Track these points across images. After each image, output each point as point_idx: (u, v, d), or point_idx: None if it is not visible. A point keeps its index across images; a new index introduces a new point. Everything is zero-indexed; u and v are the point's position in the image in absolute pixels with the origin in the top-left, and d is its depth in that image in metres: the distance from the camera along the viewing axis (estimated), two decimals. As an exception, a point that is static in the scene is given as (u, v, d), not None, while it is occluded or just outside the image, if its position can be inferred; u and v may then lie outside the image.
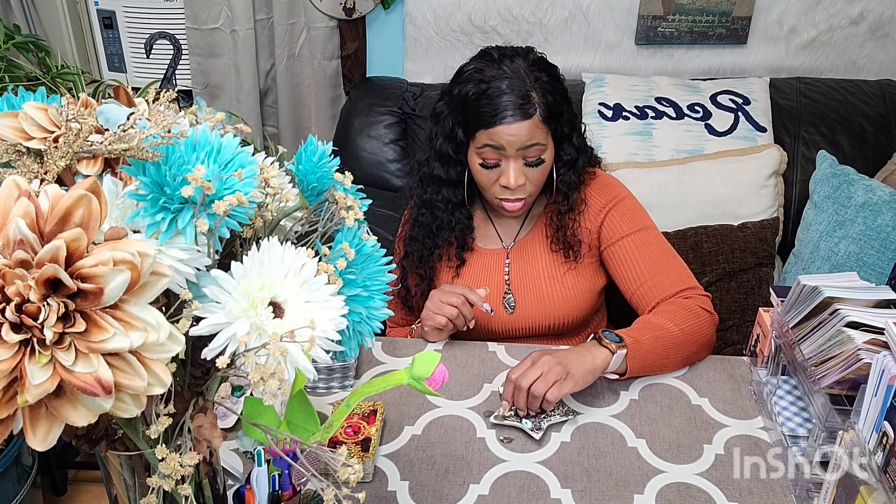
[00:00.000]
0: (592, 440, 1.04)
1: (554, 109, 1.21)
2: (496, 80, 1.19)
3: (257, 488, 0.82)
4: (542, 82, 1.20)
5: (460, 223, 1.32)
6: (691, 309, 1.21)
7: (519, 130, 1.18)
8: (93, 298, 0.42)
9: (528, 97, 1.18)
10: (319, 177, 0.61)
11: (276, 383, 0.49)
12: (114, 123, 0.53)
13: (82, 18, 2.12)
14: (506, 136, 1.18)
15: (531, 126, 1.18)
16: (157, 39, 1.87)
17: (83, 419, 0.44)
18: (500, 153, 1.20)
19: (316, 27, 2.02)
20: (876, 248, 1.49)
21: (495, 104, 1.17)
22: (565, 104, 1.24)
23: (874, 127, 1.79)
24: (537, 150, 1.20)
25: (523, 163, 1.21)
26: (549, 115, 1.20)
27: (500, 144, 1.19)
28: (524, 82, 1.18)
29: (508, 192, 1.24)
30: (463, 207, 1.32)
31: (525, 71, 1.20)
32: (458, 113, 1.23)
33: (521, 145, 1.19)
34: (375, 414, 1.04)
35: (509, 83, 1.18)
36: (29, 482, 1.50)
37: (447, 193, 1.30)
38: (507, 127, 1.17)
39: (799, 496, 0.93)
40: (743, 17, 1.92)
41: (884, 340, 0.85)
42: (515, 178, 1.21)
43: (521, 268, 1.34)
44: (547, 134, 1.21)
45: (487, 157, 1.22)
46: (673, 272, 1.27)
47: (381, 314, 0.62)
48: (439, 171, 1.28)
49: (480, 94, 1.19)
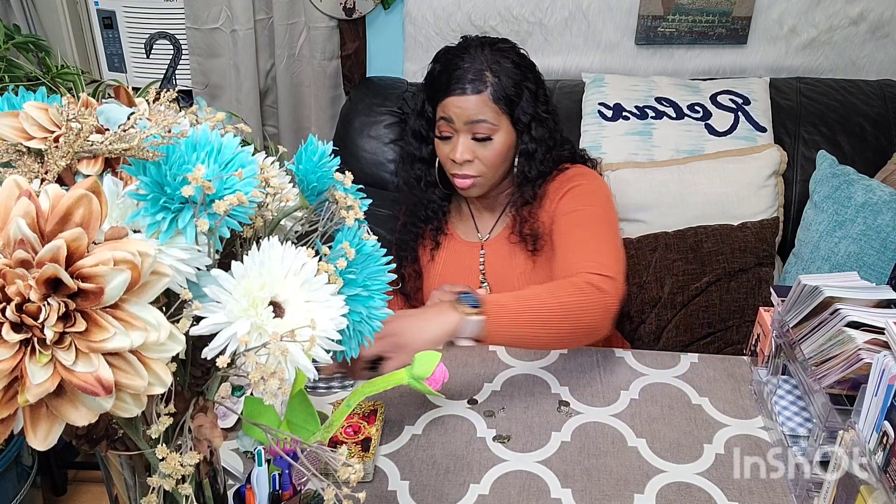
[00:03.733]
0: (592, 440, 1.04)
1: (509, 92, 1.25)
2: (457, 59, 1.26)
3: (258, 488, 0.82)
4: (502, 66, 1.25)
5: (433, 202, 1.38)
6: (576, 284, 1.12)
7: (466, 104, 1.23)
8: (93, 298, 0.42)
9: (481, 74, 1.24)
10: (320, 176, 0.61)
11: (276, 383, 0.49)
12: (114, 123, 0.53)
13: (82, 18, 2.12)
14: (454, 108, 1.25)
15: (479, 101, 1.23)
16: (157, 39, 1.87)
17: (84, 419, 0.44)
18: (451, 126, 1.27)
19: (316, 27, 2.02)
20: (876, 248, 1.49)
21: (450, 77, 1.25)
22: (528, 94, 1.27)
23: (874, 127, 1.79)
24: (486, 127, 1.25)
25: (471, 137, 1.26)
26: (502, 96, 1.24)
27: (449, 116, 1.26)
28: (482, 63, 1.25)
29: (457, 167, 1.28)
30: (436, 187, 1.37)
31: (488, 53, 1.26)
32: (427, 89, 1.31)
33: (469, 119, 1.24)
34: (376, 414, 1.04)
35: (468, 61, 1.25)
36: (29, 482, 1.50)
37: (419, 171, 1.37)
38: (456, 98, 1.24)
39: (799, 496, 0.93)
40: (743, 17, 1.92)
41: (884, 340, 0.85)
42: (462, 152, 1.26)
43: (494, 261, 1.37)
44: (499, 115, 1.25)
45: (442, 129, 1.28)
46: (588, 254, 1.18)
47: (381, 314, 0.62)
48: (413, 147, 1.36)
49: (441, 70, 1.27)
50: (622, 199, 1.72)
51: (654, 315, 1.61)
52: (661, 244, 1.63)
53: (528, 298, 1.08)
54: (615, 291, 1.13)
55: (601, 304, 1.11)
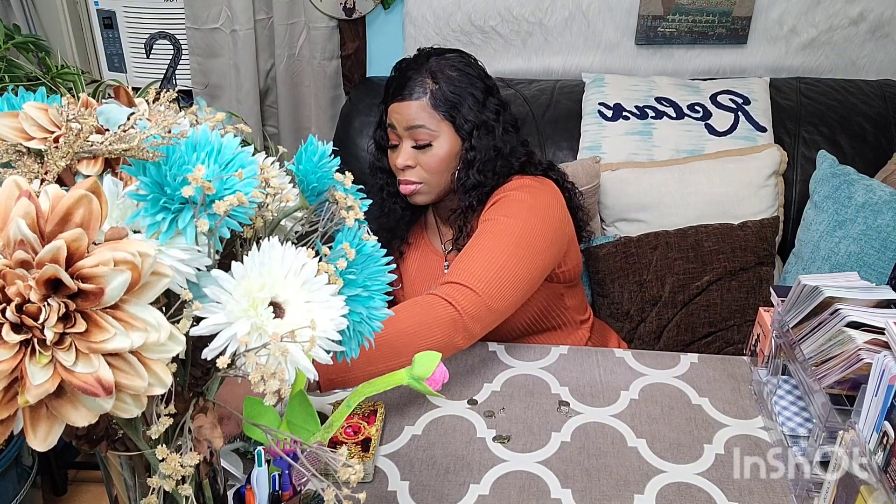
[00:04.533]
0: (592, 440, 1.04)
1: (449, 98, 1.25)
2: (406, 69, 1.28)
3: (257, 488, 0.82)
4: (445, 75, 1.26)
5: (394, 212, 1.38)
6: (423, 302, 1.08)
7: (406, 109, 1.25)
8: (93, 298, 0.42)
9: (422, 82, 1.25)
10: (320, 177, 0.61)
11: (276, 383, 0.49)
12: (114, 123, 0.53)
13: (82, 18, 2.12)
14: (395, 114, 1.26)
15: (418, 107, 1.24)
16: (157, 39, 1.87)
17: (84, 419, 0.44)
18: (395, 133, 1.28)
19: (316, 27, 2.02)
20: (876, 248, 1.49)
21: (394, 85, 1.28)
22: (471, 100, 1.25)
23: (874, 127, 1.79)
24: (425, 133, 1.25)
25: (412, 145, 1.26)
26: (442, 102, 1.24)
27: (392, 122, 1.27)
28: (424, 71, 1.26)
29: (401, 174, 1.29)
30: (398, 197, 1.37)
31: (433, 62, 1.27)
32: (383, 99, 1.32)
33: (408, 124, 1.25)
34: (376, 414, 1.04)
35: (412, 70, 1.26)
36: (29, 482, 1.50)
37: (381, 180, 1.38)
38: (397, 104, 1.26)
39: (799, 496, 0.93)
40: (743, 17, 1.92)
41: (884, 340, 0.85)
42: (403, 158, 1.27)
43: None
44: (439, 122, 1.25)
45: (390, 137, 1.30)
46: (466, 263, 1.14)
47: (381, 314, 0.62)
48: (375, 158, 1.38)
49: (391, 79, 1.30)
50: (622, 200, 1.72)
51: (655, 314, 1.61)
52: (662, 243, 1.63)
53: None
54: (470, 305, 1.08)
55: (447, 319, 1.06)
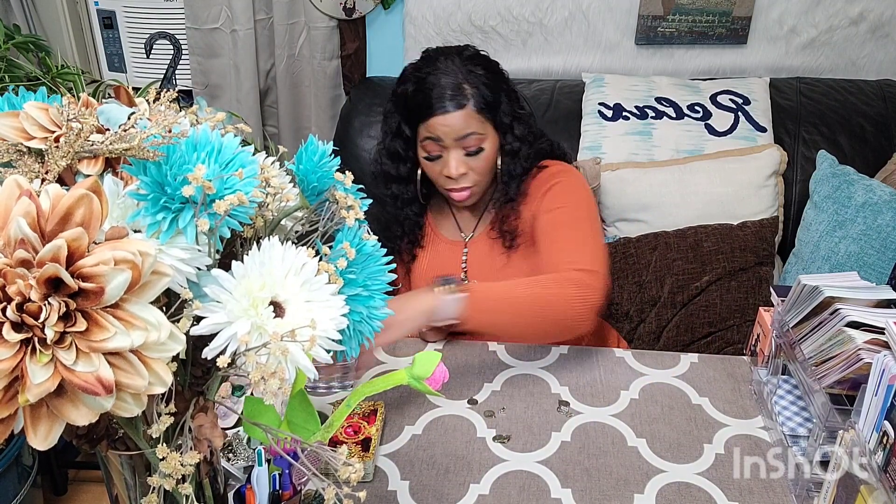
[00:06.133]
0: (593, 440, 1.04)
1: (489, 99, 1.25)
2: (431, 76, 1.25)
3: (258, 488, 0.82)
4: (476, 74, 1.26)
5: (409, 219, 1.38)
6: (557, 279, 1.15)
7: (453, 121, 1.23)
8: (94, 298, 0.43)
9: (460, 88, 1.24)
10: (320, 176, 0.61)
11: (276, 383, 0.49)
12: (114, 123, 0.53)
13: (82, 18, 2.12)
14: (441, 127, 1.24)
15: (465, 116, 1.23)
16: (157, 39, 1.87)
17: (84, 418, 0.44)
18: (439, 145, 1.26)
19: (316, 27, 2.02)
20: (876, 248, 1.49)
21: (430, 97, 1.24)
22: (504, 95, 1.28)
23: (874, 127, 1.79)
24: (475, 139, 1.25)
25: (463, 152, 1.26)
26: (484, 105, 1.25)
27: (437, 136, 1.25)
28: (457, 76, 1.25)
29: (452, 182, 1.28)
30: (414, 203, 1.37)
31: (458, 65, 1.26)
32: (401, 110, 1.30)
33: (458, 135, 1.24)
34: (376, 414, 1.04)
35: (443, 78, 1.24)
36: (29, 482, 1.50)
37: (396, 189, 1.36)
38: (442, 118, 1.23)
39: (799, 496, 0.93)
40: (743, 17, 1.92)
41: (884, 340, 0.85)
42: (456, 167, 1.26)
43: (478, 259, 1.37)
44: (484, 123, 1.26)
45: (430, 149, 1.27)
46: (570, 251, 1.21)
47: (381, 314, 0.62)
48: (389, 167, 1.35)
49: (416, 91, 1.26)
50: (622, 200, 1.72)
51: (654, 314, 1.61)
52: (661, 243, 1.63)
53: (507, 287, 1.14)
54: (598, 286, 1.16)
55: (581, 298, 1.13)
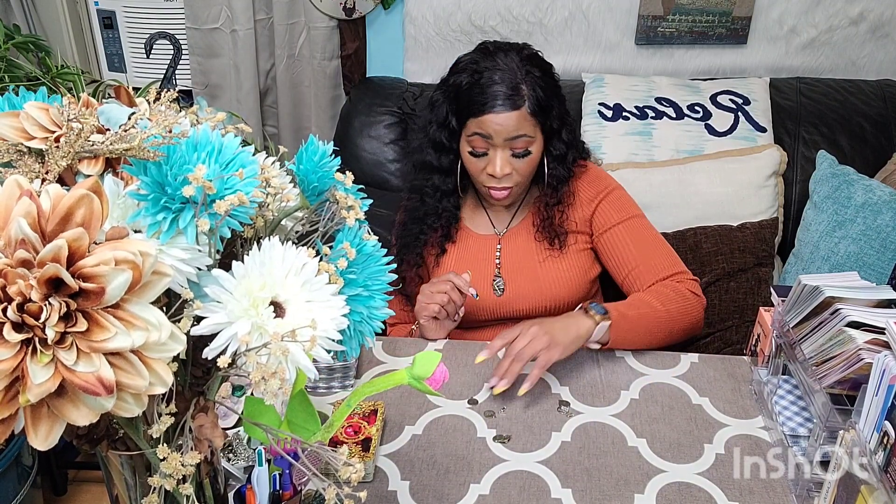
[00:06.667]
0: (593, 440, 1.04)
1: (543, 103, 1.25)
2: (489, 71, 1.23)
3: (258, 488, 0.82)
4: (534, 76, 1.24)
5: (447, 211, 1.37)
6: (680, 292, 1.27)
7: (507, 121, 1.22)
8: (94, 298, 0.42)
9: (517, 89, 1.22)
10: (320, 177, 0.61)
11: (277, 383, 0.49)
12: (115, 123, 0.53)
13: (82, 18, 2.12)
14: (494, 126, 1.22)
15: (519, 117, 1.22)
16: (157, 39, 1.87)
17: (85, 418, 0.44)
18: (488, 142, 1.25)
19: (316, 27, 2.02)
20: (876, 248, 1.49)
21: (486, 94, 1.22)
22: (556, 100, 1.28)
23: (874, 127, 1.79)
24: (524, 141, 1.24)
25: (510, 153, 1.25)
26: (538, 108, 1.24)
27: (488, 133, 1.23)
28: (515, 75, 1.23)
29: (495, 181, 1.28)
30: (452, 196, 1.36)
31: (517, 64, 1.24)
32: (451, 101, 1.28)
33: (509, 135, 1.23)
34: (376, 414, 1.04)
35: (501, 75, 1.22)
36: (29, 482, 1.50)
37: (437, 181, 1.35)
38: (495, 116, 1.22)
39: (799, 496, 0.93)
40: (743, 17, 1.92)
41: (884, 340, 0.85)
42: (501, 167, 1.25)
43: (512, 253, 1.37)
44: (535, 127, 1.25)
45: (476, 145, 1.26)
46: (663, 257, 1.32)
47: (381, 314, 0.62)
48: (431, 157, 1.34)
49: (473, 84, 1.24)
50: (622, 199, 1.72)
51: (654, 315, 1.61)
52: (661, 244, 1.63)
53: (641, 307, 1.23)
54: (699, 286, 1.31)
55: (700, 305, 1.29)
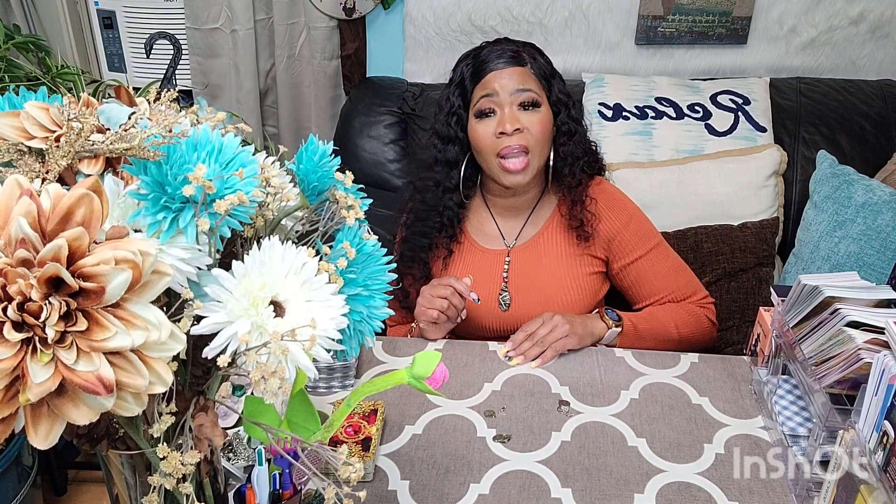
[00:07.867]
0: (593, 439, 1.04)
1: (546, 72, 1.30)
2: (490, 46, 1.31)
3: (258, 487, 0.82)
4: (533, 50, 1.32)
5: (449, 208, 1.34)
6: (698, 316, 1.33)
7: (511, 75, 1.26)
8: (94, 297, 0.43)
9: (518, 53, 1.29)
10: (320, 176, 0.61)
11: (276, 382, 0.49)
12: (115, 123, 0.53)
13: (82, 18, 2.12)
14: (498, 80, 1.26)
15: (523, 73, 1.27)
16: (157, 39, 1.87)
17: (85, 418, 0.44)
18: (493, 101, 1.26)
19: (316, 27, 2.02)
20: (876, 248, 1.49)
21: (487, 59, 1.28)
22: (557, 80, 1.32)
23: (874, 127, 1.79)
24: (530, 95, 1.26)
25: (518, 107, 1.26)
26: (541, 74, 1.29)
27: (493, 90, 1.26)
28: (516, 46, 1.31)
29: (507, 140, 1.24)
30: (454, 193, 1.34)
31: (516, 43, 1.32)
32: (457, 88, 1.31)
33: (514, 88, 1.25)
34: (376, 413, 1.04)
35: (502, 47, 1.30)
36: (29, 482, 1.50)
37: (439, 175, 1.34)
38: (499, 72, 1.26)
39: (799, 496, 0.93)
40: (743, 17, 1.92)
41: (884, 340, 0.85)
42: (510, 120, 1.24)
43: (522, 267, 1.34)
44: (540, 88, 1.28)
45: (483, 105, 1.27)
46: (685, 282, 1.36)
47: (381, 313, 0.62)
48: (437, 150, 1.34)
49: (473, 61, 1.30)
50: (622, 199, 1.72)
51: (654, 315, 1.61)
52: (661, 244, 1.63)
53: (654, 323, 1.29)
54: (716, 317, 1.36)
55: (712, 333, 1.35)
